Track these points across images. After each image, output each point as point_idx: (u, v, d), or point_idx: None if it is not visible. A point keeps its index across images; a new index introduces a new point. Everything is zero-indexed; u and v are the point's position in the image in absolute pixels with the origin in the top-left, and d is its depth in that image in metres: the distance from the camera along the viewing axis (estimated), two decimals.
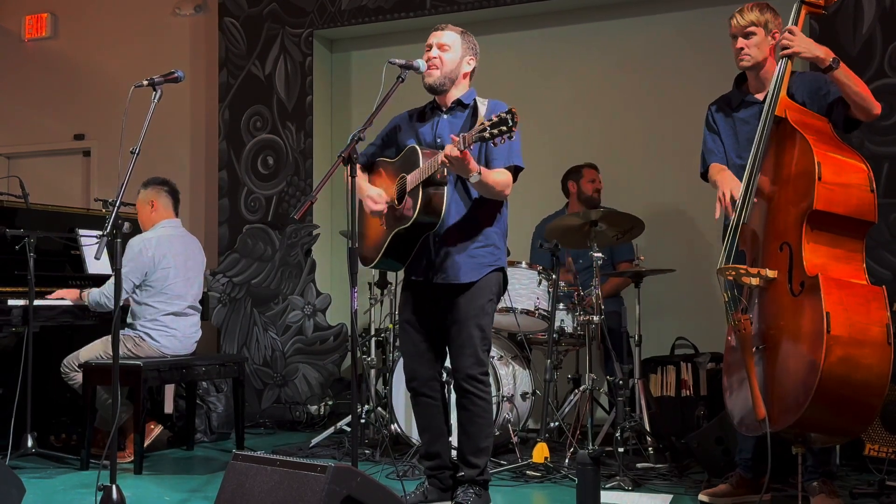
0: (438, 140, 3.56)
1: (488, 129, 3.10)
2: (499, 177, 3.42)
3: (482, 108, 3.53)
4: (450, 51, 3.54)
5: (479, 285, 3.51)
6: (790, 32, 3.39)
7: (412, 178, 3.41)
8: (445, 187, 3.39)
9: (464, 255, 3.49)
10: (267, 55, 6.42)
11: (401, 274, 3.90)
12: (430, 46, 3.56)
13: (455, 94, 3.59)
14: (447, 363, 3.70)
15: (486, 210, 3.53)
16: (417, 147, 3.48)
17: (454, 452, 3.68)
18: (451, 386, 3.66)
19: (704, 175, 3.72)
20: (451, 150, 3.19)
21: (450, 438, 3.71)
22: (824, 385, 2.95)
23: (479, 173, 3.28)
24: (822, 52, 3.34)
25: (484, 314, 3.51)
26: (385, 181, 3.63)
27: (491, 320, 3.57)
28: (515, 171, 3.49)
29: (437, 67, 3.52)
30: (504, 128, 3.07)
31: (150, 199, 4.88)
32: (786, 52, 3.38)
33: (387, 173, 3.64)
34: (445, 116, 3.60)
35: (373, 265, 3.64)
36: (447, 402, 3.72)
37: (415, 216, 3.37)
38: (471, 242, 3.51)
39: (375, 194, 3.55)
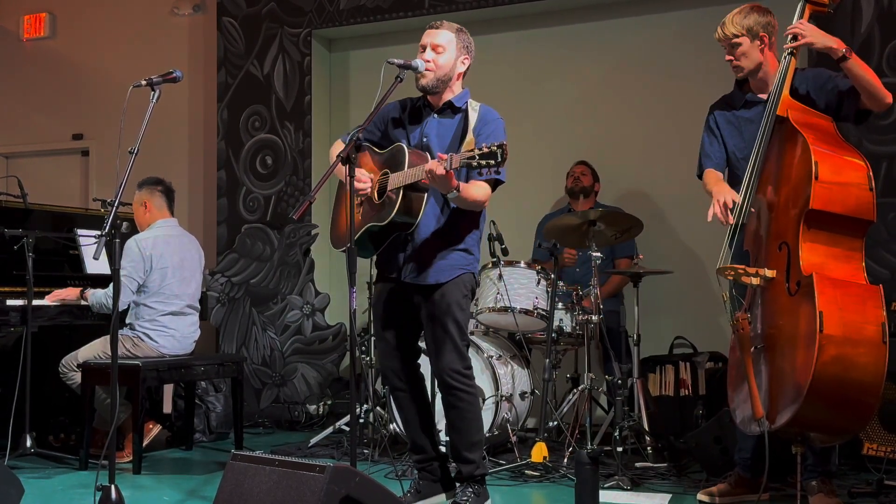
0: (425, 140, 3.53)
1: (477, 158, 3.07)
2: (477, 192, 3.39)
3: (473, 114, 3.50)
4: (444, 52, 3.50)
5: (454, 282, 3.49)
6: (801, 25, 3.37)
7: (395, 179, 3.38)
8: (426, 193, 3.39)
9: (438, 258, 3.48)
10: (265, 55, 6.42)
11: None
12: (424, 47, 3.52)
13: (447, 95, 3.55)
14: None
15: (465, 217, 3.51)
16: (405, 148, 3.44)
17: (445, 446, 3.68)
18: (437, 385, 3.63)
19: (701, 178, 3.72)
20: (437, 167, 3.17)
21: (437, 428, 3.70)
22: (817, 384, 2.95)
23: (458, 189, 3.27)
24: (835, 43, 3.32)
25: (460, 309, 3.50)
26: (367, 169, 3.58)
27: (467, 317, 3.56)
28: (495, 183, 3.47)
29: (431, 70, 3.48)
30: (493, 161, 3.04)
31: (144, 200, 4.88)
32: (799, 42, 3.35)
33: (371, 162, 3.59)
34: (435, 117, 3.57)
35: (342, 249, 3.59)
36: (426, 392, 3.70)
37: (392, 216, 3.36)
38: (447, 246, 3.49)
39: (358, 174, 3.47)
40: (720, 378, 4.62)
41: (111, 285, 4.62)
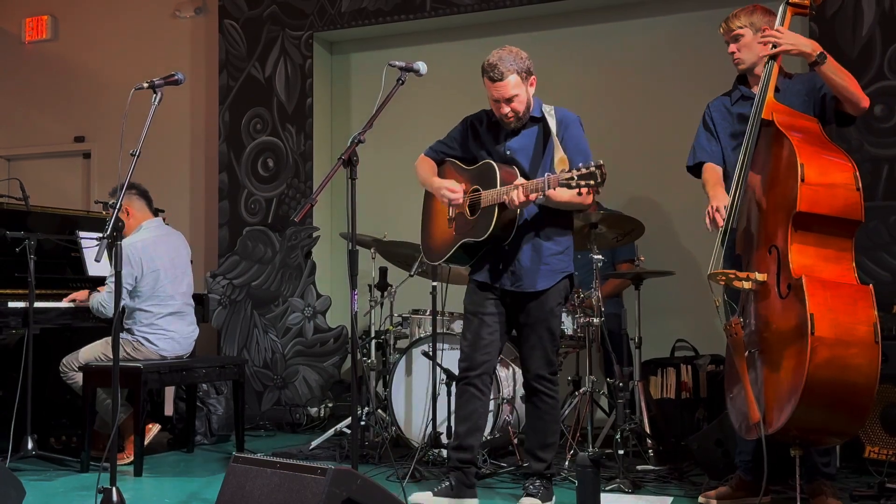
0: (508, 153, 3.64)
1: (575, 179, 3.18)
2: (567, 192, 3.38)
3: (551, 120, 3.58)
4: (519, 95, 3.56)
5: (554, 289, 3.63)
6: (777, 31, 3.41)
7: (487, 198, 3.51)
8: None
9: (539, 264, 3.60)
10: (267, 57, 6.43)
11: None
12: (499, 102, 3.56)
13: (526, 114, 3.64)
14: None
15: (559, 219, 3.62)
16: (494, 165, 3.55)
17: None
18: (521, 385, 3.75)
19: (690, 168, 3.76)
20: (519, 197, 3.32)
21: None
22: (811, 386, 2.95)
23: (543, 196, 3.38)
24: (809, 48, 3.36)
25: (553, 317, 3.65)
26: (455, 182, 3.71)
27: (559, 323, 3.72)
28: None
29: (513, 118, 3.58)
30: (592, 182, 3.16)
31: (124, 207, 4.84)
32: (774, 50, 3.39)
33: (457, 176, 3.72)
34: (515, 134, 3.65)
35: (440, 262, 3.79)
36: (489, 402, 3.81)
37: (489, 233, 3.50)
38: (547, 250, 3.62)
39: (450, 184, 3.63)
40: (721, 380, 4.62)
41: (104, 291, 4.65)
